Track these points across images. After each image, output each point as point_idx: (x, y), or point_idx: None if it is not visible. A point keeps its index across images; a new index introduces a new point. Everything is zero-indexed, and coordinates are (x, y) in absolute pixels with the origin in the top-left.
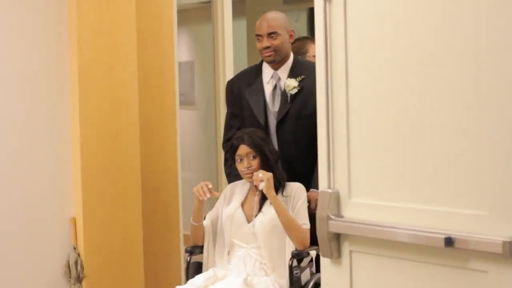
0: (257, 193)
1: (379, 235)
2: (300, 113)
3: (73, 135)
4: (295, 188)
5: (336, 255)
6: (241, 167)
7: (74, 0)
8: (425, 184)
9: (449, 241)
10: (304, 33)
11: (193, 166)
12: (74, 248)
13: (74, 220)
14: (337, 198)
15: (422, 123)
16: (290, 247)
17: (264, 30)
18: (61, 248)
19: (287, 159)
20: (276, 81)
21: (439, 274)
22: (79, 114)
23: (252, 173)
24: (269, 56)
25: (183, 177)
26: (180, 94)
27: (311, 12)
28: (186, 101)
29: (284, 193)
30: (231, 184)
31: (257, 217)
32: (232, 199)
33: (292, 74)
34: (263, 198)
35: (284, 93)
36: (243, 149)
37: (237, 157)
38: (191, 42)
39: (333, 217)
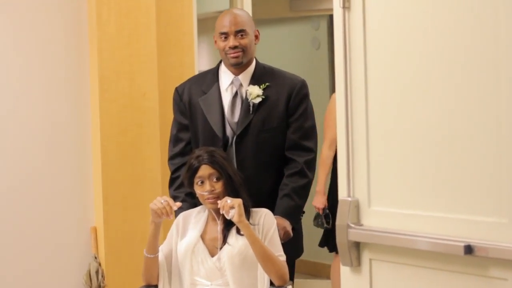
0: (219, 222)
1: (398, 243)
2: (263, 126)
3: (94, 145)
4: (264, 215)
5: (356, 263)
6: (201, 190)
7: (94, 10)
8: (445, 192)
9: (468, 249)
10: (324, 41)
11: None
12: (95, 257)
13: (95, 229)
14: (356, 206)
15: (441, 131)
16: (263, 282)
17: (231, 27)
18: (82, 257)
19: (246, 178)
20: (237, 88)
21: (459, 282)
22: (100, 124)
23: (216, 197)
24: (237, 56)
25: None
26: None
27: (331, 20)
28: None
29: (251, 221)
30: (183, 213)
31: (222, 249)
32: (187, 231)
33: (254, 80)
34: (227, 228)
35: (246, 102)
36: (204, 170)
37: (197, 179)
38: (211, 51)
39: (352, 225)
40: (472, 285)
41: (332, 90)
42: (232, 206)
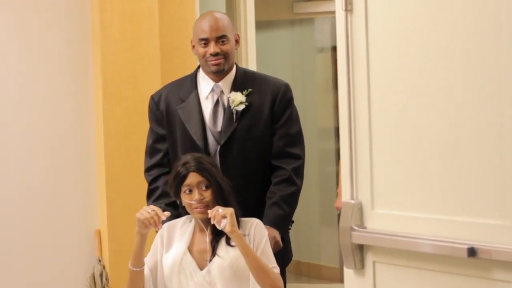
0: (207, 232)
1: (402, 246)
2: (249, 134)
3: (98, 148)
4: (254, 225)
5: (360, 266)
6: (189, 199)
7: (97, 13)
8: (448, 195)
9: (472, 251)
10: (328, 43)
11: None
12: (99, 260)
13: (99, 232)
14: (360, 209)
15: (444, 133)
16: None
17: (212, 33)
18: (86, 260)
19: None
20: (218, 96)
21: (462, 285)
22: (104, 127)
23: (205, 206)
24: (219, 64)
25: None
26: None
27: (334, 22)
28: None
29: (241, 231)
30: (167, 224)
31: (212, 262)
32: (172, 243)
33: (236, 86)
34: (216, 239)
35: (229, 110)
36: (193, 178)
37: (184, 188)
38: None
39: (356, 228)
40: (475, 287)
41: (335, 93)
42: (224, 216)
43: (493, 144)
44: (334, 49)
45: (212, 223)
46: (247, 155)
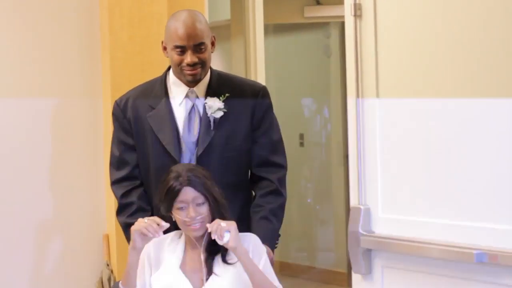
0: (201, 250)
1: (410, 251)
2: (228, 143)
3: (106, 152)
4: (252, 241)
5: (368, 270)
6: (184, 216)
7: (106, 18)
8: (456, 200)
9: (480, 257)
10: (336, 49)
11: None
12: (107, 265)
13: (107, 237)
14: (368, 214)
15: (452, 139)
16: None
17: (190, 41)
18: (94, 265)
19: None
20: (193, 102)
21: None
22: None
23: (201, 223)
24: (196, 74)
25: None
26: None
27: (343, 27)
28: None
29: None
30: (154, 241)
31: (209, 281)
32: (161, 262)
33: (211, 91)
34: (211, 256)
35: (205, 117)
36: (187, 194)
37: (178, 204)
38: (223, 58)
39: (364, 233)
40: None
41: (344, 97)
42: (226, 230)
43: (501, 149)
44: (343, 53)
45: (213, 238)
46: (227, 165)
